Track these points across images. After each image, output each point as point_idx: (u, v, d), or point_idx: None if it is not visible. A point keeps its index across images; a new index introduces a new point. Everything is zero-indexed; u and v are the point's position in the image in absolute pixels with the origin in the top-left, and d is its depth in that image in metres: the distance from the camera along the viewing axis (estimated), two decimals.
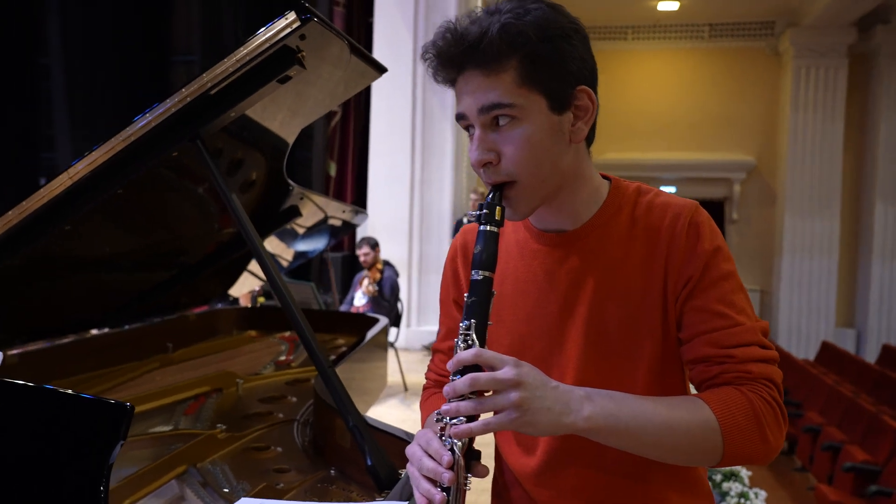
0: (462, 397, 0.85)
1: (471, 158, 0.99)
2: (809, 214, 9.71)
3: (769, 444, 0.92)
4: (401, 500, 1.11)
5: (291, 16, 1.23)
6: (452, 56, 0.92)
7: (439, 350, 1.21)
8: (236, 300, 3.66)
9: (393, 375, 4.48)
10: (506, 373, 0.83)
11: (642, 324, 0.99)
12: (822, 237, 9.73)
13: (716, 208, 10.54)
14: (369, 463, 1.21)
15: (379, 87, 6.93)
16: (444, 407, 0.87)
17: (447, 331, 1.18)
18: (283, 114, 1.64)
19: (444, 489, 0.85)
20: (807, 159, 9.64)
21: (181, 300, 2.54)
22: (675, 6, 9.32)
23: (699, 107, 10.29)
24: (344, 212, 2.95)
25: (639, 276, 0.99)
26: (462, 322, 0.89)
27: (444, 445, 0.87)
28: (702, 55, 10.30)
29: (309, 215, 2.78)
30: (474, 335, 0.89)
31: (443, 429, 0.87)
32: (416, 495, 0.88)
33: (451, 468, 0.85)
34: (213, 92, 1.30)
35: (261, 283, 3.12)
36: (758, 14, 9.80)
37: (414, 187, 7.00)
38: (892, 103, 9.37)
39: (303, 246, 3.23)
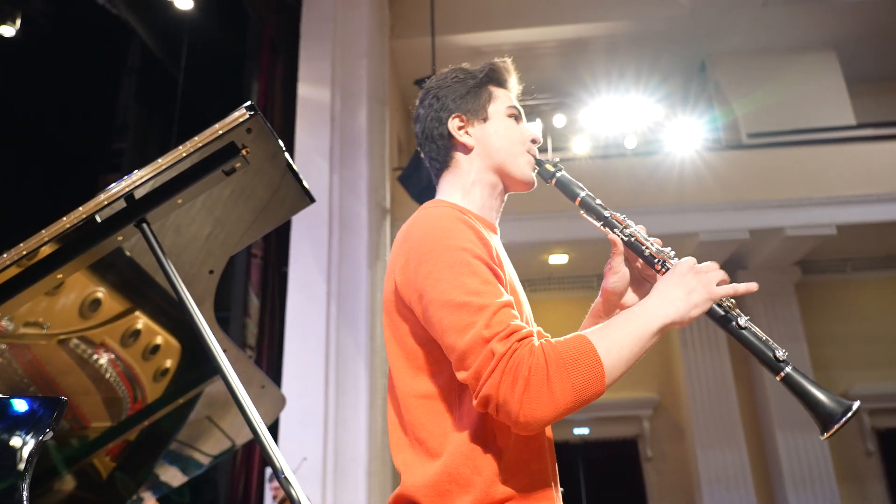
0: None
1: (536, 134, 1.47)
2: (718, 447, 9.93)
3: None
4: None
5: (242, 109, 1.44)
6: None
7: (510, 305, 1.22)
8: None
9: None
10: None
11: None
12: (735, 469, 9.85)
13: (630, 446, 10.64)
14: None
15: (292, 329, 7.09)
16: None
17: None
18: (209, 228, 1.78)
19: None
20: (704, 393, 10.15)
21: None
22: (564, 259, 10.36)
23: None
24: None
25: None
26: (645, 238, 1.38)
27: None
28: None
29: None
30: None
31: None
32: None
33: None
34: (160, 178, 1.45)
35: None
36: None
37: (328, 426, 6.82)
38: None
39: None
